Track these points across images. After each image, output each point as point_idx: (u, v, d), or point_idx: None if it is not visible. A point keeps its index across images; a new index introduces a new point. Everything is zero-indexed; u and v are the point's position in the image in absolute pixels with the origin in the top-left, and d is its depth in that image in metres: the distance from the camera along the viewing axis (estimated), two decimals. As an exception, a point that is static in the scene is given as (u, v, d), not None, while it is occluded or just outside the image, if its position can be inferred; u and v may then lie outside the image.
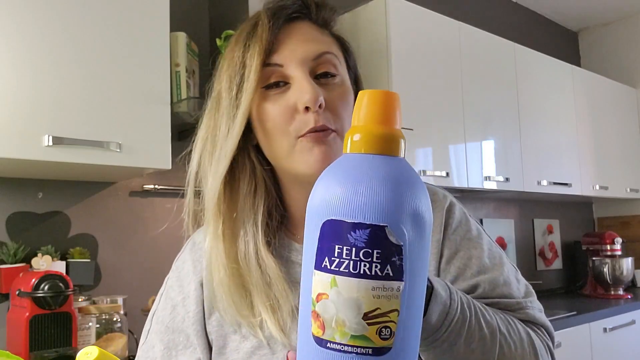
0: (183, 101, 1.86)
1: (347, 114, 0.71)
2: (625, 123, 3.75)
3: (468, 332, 0.60)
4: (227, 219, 0.72)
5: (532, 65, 3.06)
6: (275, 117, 0.70)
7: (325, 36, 0.75)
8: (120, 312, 1.75)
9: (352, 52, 0.80)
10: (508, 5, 3.71)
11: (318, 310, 0.41)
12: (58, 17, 1.53)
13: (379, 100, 0.44)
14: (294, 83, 0.69)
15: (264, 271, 0.71)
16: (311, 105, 0.67)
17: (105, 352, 0.53)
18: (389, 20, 2.32)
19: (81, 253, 1.80)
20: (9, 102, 1.43)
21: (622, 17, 4.07)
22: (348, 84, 0.74)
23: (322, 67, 0.71)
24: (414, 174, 0.43)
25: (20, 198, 1.77)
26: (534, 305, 0.74)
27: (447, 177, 2.48)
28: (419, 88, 2.41)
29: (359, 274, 0.40)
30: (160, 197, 2.05)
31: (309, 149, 0.68)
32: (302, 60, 0.70)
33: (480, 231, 0.78)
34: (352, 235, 0.40)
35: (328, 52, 0.72)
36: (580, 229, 3.95)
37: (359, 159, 0.43)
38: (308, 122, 0.68)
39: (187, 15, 2.15)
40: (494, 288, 0.72)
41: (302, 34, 0.72)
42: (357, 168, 0.42)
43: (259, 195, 0.74)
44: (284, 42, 0.71)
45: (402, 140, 0.44)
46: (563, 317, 2.58)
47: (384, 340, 0.40)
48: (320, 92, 0.68)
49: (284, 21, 0.72)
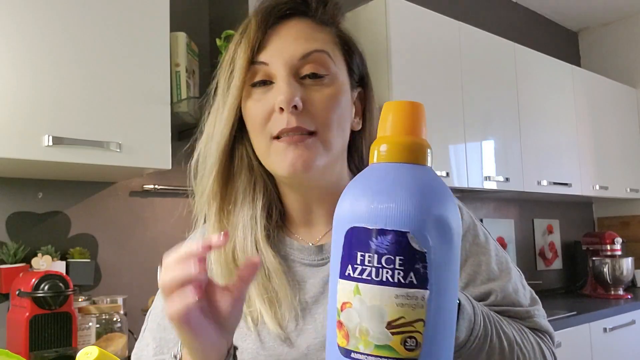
0: (183, 101, 1.86)
1: (334, 115, 0.70)
2: (625, 123, 3.75)
3: (490, 345, 0.61)
4: (225, 212, 0.73)
5: (532, 65, 3.06)
6: (255, 115, 0.70)
7: (322, 34, 0.72)
8: (120, 312, 1.75)
9: (358, 51, 0.77)
10: (508, 5, 3.71)
11: (342, 320, 0.41)
12: (58, 17, 1.53)
13: (405, 111, 0.44)
14: (277, 82, 0.69)
15: (263, 264, 0.71)
16: (284, 106, 0.66)
17: (105, 352, 0.53)
18: (389, 20, 2.32)
19: (81, 253, 1.80)
20: (9, 102, 1.43)
21: (622, 17, 4.07)
22: (340, 84, 0.72)
23: (309, 67, 0.69)
24: (440, 182, 0.43)
25: (20, 198, 1.77)
26: (540, 313, 0.75)
27: (447, 177, 2.48)
28: (419, 88, 2.41)
29: (382, 281, 0.39)
30: (160, 197, 2.05)
31: (283, 151, 0.68)
32: (287, 60, 0.69)
33: (487, 236, 0.78)
34: (374, 242, 0.39)
35: (317, 50, 0.70)
36: (580, 229, 3.95)
37: (385, 168, 0.43)
38: (281, 123, 0.67)
39: (187, 15, 2.15)
40: (504, 296, 0.72)
41: (294, 32, 0.71)
42: (382, 176, 0.42)
43: (258, 189, 0.74)
44: (273, 40, 0.70)
45: (429, 150, 0.44)
46: (563, 317, 2.58)
47: (410, 351, 0.39)
48: (298, 92, 0.67)
49: (277, 18, 0.71)
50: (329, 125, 0.69)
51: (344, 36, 0.76)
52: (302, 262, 0.74)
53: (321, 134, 0.69)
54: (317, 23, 0.73)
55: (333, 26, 0.75)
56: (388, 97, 2.29)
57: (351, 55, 0.76)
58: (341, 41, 0.75)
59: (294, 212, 0.77)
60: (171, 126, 1.70)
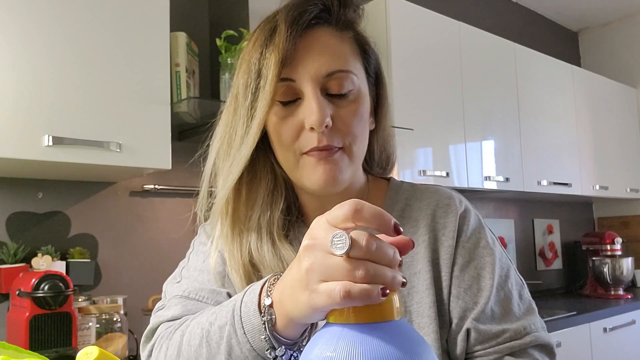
0: (183, 101, 1.86)
1: (358, 130, 0.72)
2: (625, 123, 3.75)
3: None
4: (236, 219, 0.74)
5: (532, 65, 3.06)
6: (283, 132, 0.71)
7: (344, 44, 0.73)
8: (120, 312, 1.75)
9: (374, 52, 0.78)
10: (508, 5, 3.71)
11: None
12: (58, 18, 1.53)
13: None
14: (304, 99, 0.70)
15: (281, 259, 0.72)
16: (316, 127, 0.68)
17: (105, 352, 0.53)
18: (389, 20, 2.32)
19: (81, 253, 1.80)
20: (9, 102, 1.43)
21: (622, 17, 4.07)
22: (363, 97, 0.73)
23: (335, 84, 0.70)
24: (414, 338, 0.43)
25: (20, 198, 1.77)
26: (537, 325, 0.74)
27: (447, 177, 2.48)
28: (419, 88, 2.41)
29: None
30: (160, 197, 2.05)
31: (313, 167, 0.70)
32: (314, 77, 0.69)
33: (493, 239, 0.78)
34: None
35: (342, 70, 0.70)
36: (580, 229, 3.95)
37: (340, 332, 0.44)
38: (312, 141, 0.69)
39: (187, 15, 2.15)
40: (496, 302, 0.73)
41: (319, 46, 0.71)
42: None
43: (279, 193, 0.76)
44: (300, 54, 0.70)
45: (395, 297, 0.44)
46: (563, 317, 2.58)
47: None
48: (328, 112, 0.69)
49: (303, 29, 0.70)
50: (356, 140, 0.72)
51: (361, 39, 0.77)
52: None
53: (347, 149, 0.71)
54: (338, 30, 0.73)
55: (352, 29, 0.75)
56: (388, 97, 2.29)
57: (368, 60, 0.77)
58: (359, 45, 0.76)
59: (310, 211, 0.80)
60: (171, 126, 1.70)
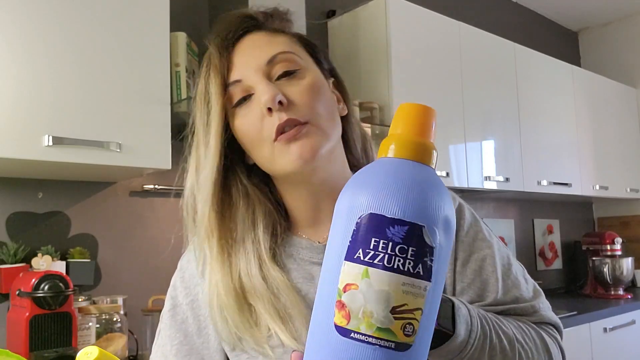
0: (183, 101, 1.86)
1: (319, 104, 0.71)
2: (625, 123, 3.75)
3: (490, 346, 0.61)
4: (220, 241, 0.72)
5: (532, 65, 3.06)
6: (248, 129, 0.71)
7: (278, 37, 0.74)
8: (120, 312, 1.75)
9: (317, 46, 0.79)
10: (508, 5, 3.71)
11: (345, 300, 0.42)
12: (58, 17, 1.53)
13: (419, 113, 0.46)
14: (255, 91, 0.70)
15: (270, 283, 0.71)
16: (270, 104, 0.67)
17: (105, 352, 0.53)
18: (389, 20, 2.32)
19: (81, 253, 1.80)
20: (9, 102, 1.43)
21: (622, 17, 4.07)
22: (314, 75, 0.73)
23: (279, 67, 0.71)
24: (442, 183, 0.46)
25: (20, 198, 1.77)
26: (545, 305, 0.76)
27: (447, 177, 2.48)
28: (419, 88, 2.41)
29: (392, 268, 0.41)
30: (160, 197, 2.05)
31: (286, 149, 0.69)
32: (256, 68, 0.71)
33: (489, 231, 0.79)
34: (391, 230, 0.41)
35: (281, 52, 0.72)
36: (580, 229, 3.95)
37: (398, 164, 0.45)
38: (274, 122, 0.68)
39: (187, 15, 2.15)
40: (506, 292, 0.73)
41: (252, 44, 0.73)
42: (398, 171, 0.44)
43: (258, 213, 0.74)
44: (237, 58, 0.72)
45: (435, 152, 0.46)
46: (563, 317, 2.58)
47: (407, 336, 0.41)
48: (278, 91, 0.68)
49: (234, 40, 0.73)
50: (318, 112, 0.70)
51: (300, 36, 0.78)
52: (312, 261, 0.75)
53: (313, 122, 0.69)
54: (270, 32, 0.75)
55: (286, 32, 0.77)
56: (388, 97, 2.29)
57: (314, 49, 0.78)
58: (299, 40, 0.77)
59: (300, 214, 0.77)
60: (171, 126, 1.70)
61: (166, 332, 0.78)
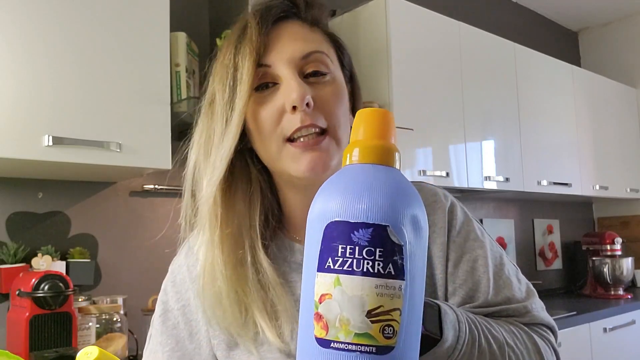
0: (183, 101, 1.86)
1: (340, 112, 0.70)
2: (625, 123, 3.75)
3: (479, 350, 0.60)
4: (225, 224, 0.70)
5: (532, 65, 3.06)
6: (264, 119, 0.69)
7: (315, 34, 0.73)
8: (120, 312, 1.75)
9: (346, 49, 0.78)
10: (508, 5, 3.71)
11: (321, 312, 0.42)
12: (58, 17, 1.53)
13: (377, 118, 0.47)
14: (282, 83, 0.69)
15: (262, 276, 0.70)
16: (298, 104, 0.66)
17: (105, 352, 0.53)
18: (389, 20, 2.31)
19: (81, 253, 1.80)
20: (9, 102, 1.43)
21: (622, 17, 4.07)
22: (340, 82, 0.73)
23: (312, 66, 0.70)
24: (409, 183, 0.46)
25: (20, 198, 1.77)
26: (537, 306, 0.74)
27: (447, 177, 2.48)
28: (419, 88, 2.41)
29: (363, 272, 0.41)
30: (160, 197, 2.05)
31: (298, 155, 0.67)
32: (290, 60, 0.69)
33: (482, 230, 0.78)
34: (356, 235, 0.41)
35: (317, 51, 0.71)
36: (580, 229, 3.95)
37: (360, 169, 0.45)
38: (295, 122, 0.67)
39: (187, 15, 2.15)
40: (497, 292, 0.72)
41: (291, 33, 0.71)
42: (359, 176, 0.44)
43: (255, 198, 0.73)
44: (273, 42, 0.70)
45: (397, 154, 0.47)
46: (563, 317, 2.58)
47: (388, 339, 0.41)
48: (308, 90, 0.67)
49: (272, 22, 0.71)
50: (338, 121, 0.70)
51: (333, 35, 0.77)
52: None
53: (332, 131, 0.69)
54: (307, 24, 0.74)
55: (321, 26, 0.76)
56: (388, 97, 2.29)
57: (342, 53, 0.77)
58: (331, 40, 0.76)
59: (296, 215, 0.76)
60: (171, 126, 1.70)
61: (157, 338, 0.76)
